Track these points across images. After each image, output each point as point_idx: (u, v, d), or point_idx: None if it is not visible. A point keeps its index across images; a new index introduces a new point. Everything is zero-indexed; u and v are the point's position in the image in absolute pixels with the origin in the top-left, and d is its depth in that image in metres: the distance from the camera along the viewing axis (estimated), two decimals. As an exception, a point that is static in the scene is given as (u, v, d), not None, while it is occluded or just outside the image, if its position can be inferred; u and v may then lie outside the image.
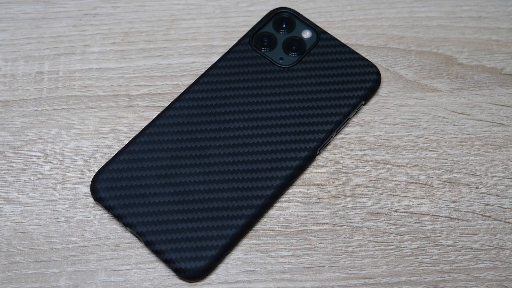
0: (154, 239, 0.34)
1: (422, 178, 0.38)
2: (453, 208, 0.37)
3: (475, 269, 0.35)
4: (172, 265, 0.34)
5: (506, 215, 0.37)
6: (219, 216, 0.35)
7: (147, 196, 0.35)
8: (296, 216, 0.36)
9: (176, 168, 0.36)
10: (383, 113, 0.40)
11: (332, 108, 0.38)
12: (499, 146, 0.39)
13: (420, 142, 0.39)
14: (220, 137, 0.37)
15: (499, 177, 0.38)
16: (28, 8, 0.43)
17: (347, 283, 0.34)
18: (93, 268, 0.34)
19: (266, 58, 0.40)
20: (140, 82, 0.41)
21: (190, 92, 0.39)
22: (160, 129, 0.37)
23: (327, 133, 0.37)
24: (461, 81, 0.41)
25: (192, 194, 0.35)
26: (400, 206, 0.37)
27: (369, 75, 0.39)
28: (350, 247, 0.35)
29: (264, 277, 0.35)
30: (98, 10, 0.43)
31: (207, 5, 0.44)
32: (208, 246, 0.34)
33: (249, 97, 0.38)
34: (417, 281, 0.34)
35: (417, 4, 0.44)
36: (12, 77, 0.41)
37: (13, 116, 0.39)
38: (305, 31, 0.41)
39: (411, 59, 0.42)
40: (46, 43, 0.42)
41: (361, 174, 0.38)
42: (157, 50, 0.42)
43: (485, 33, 0.43)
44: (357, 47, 0.42)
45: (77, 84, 0.40)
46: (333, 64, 0.40)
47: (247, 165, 0.36)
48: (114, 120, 0.39)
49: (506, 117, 0.40)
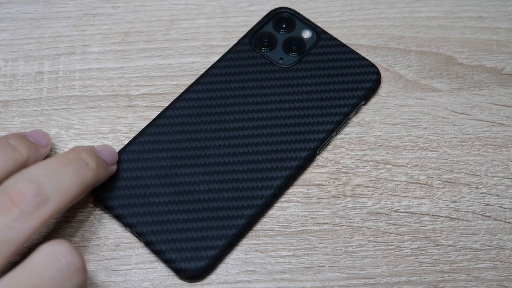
0: (154, 239, 0.34)
1: (422, 178, 0.38)
2: (453, 208, 0.37)
3: (475, 269, 0.35)
4: (172, 265, 0.34)
5: (506, 215, 0.37)
6: (219, 216, 0.35)
7: (147, 196, 0.35)
8: (296, 216, 0.36)
9: (176, 168, 0.36)
10: (383, 113, 0.40)
11: (332, 108, 0.38)
12: (499, 146, 0.39)
13: (420, 142, 0.39)
14: (220, 137, 0.37)
15: (499, 177, 0.38)
16: (28, 8, 0.43)
17: (347, 283, 0.34)
18: (93, 268, 0.34)
19: (266, 58, 0.40)
20: (140, 82, 0.41)
21: (190, 92, 0.39)
22: (160, 129, 0.37)
23: (327, 133, 0.37)
24: (461, 81, 0.41)
25: (192, 194, 0.35)
26: (400, 206, 0.37)
27: (369, 75, 0.39)
28: (350, 247, 0.35)
29: (264, 277, 0.35)
30: (98, 10, 0.43)
31: (207, 5, 0.44)
32: (208, 246, 0.34)
33: (249, 97, 0.38)
34: (417, 281, 0.34)
35: (417, 4, 0.44)
36: (12, 77, 0.41)
37: (13, 116, 0.39)
38: (305, 31, 0.41)
39: (411, 59, 0.42)
40: (46, 43, 0.42)
41: (361, 174, 0.38)
42: (157, 50, 0.42)
43: (485, 33, 0.43)
44: (357, 47, 0.42)
45: (77, 84, 0.40)
46: (333, 64, 0.40)
47: (247, 165, 0.36)
48: (114, 120, 0.39)
49: (506, 117, 0.40)
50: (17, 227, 0.27)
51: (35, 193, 0.28)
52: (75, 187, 0.30)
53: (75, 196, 0.30)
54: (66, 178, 0.29)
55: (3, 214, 0.27)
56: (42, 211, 0.28)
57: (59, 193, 0.29)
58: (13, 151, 0.32)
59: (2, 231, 0.27)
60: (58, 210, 0.29)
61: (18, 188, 0.28)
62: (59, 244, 0.28)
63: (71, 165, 0.30)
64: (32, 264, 0.27)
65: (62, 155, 0.31)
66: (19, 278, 0.26)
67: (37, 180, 0.28)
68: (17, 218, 0.27)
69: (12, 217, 0.27)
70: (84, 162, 0.31)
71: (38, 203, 0.28)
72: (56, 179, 0.29)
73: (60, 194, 0.29)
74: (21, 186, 0.28)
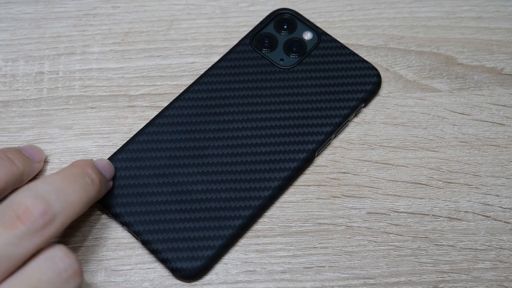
0: (151, 238, 0.34)
1: (422, 178, 0.38)
2: (453, 208, 0.37)
3: (475, 269, 0.35)
4: (168, 264, 0.34)
5: (506, 215, 0.37)
6: (216, 216, 0.35)
7: (145, 195, 0.35)
8: (296, 216, 0.36)
9: (174, 167, 0.36)
10: (383, 113, 0.40)
11: (332, 110, 0.38)
12: (499, 146, 0.39)
13: (420, 142, 0.39)
14: (219, 138, 0.37)
15: (499, 177, 0.38)
16: (28, 8, 0.43)
17: (347, 283, 0.34)
18: (93, 268, 0.34)
19: (266, 59, 0.40)
20: (140, 82, 0.41)
21: (190, 92, 0.39)
22: (159, 128, 0.37)
23: (326, 135, 0.37)
24: (461, 81, 0.41)
25: (190, 194, 0.35)
26: (400, 206, 0.37)
27: (369, 78, 0.39)
28: (350, 247, 0.35)
29: (264, 277, 0.35)
30: (98, 10, 0.43)
31: (207, 5, 0.44)
32: (205, 246, 0.34)
33: (248, 97, 0.38)
34: (417, 281, 0.34)
35: (417, 4, 0.44)
36: (12, 77, 0.41)
37: (13, 116, 0.39)
38: (306, 33, 0.41)
39: (411, 59, 0.42)
40: (46, 43, 0.42)
41: (361, 174, 0.38)
42: (157, 50, 0.42)
43: (485, 33, 0.43)
44: (357, 47, 0.42)
45: (77, 84, 0.40)
46: (333, 66, 0.40)
47: (246, 166, 0.36)
48: (114, 120, 0.39)
49: (506, 117, 0.40)
50: (20, 244, 0.27)
51: (43, 212, 0.27)
52: (80, 205, 0.29)
53: (79, 213, 0.29)
54: (72, 195, 0.29)
55: (8, 230, 0.27)
56: (47, 230, 0.27)
57: (65, 210, 0.28)
58: (10, 164, 0.32)
59: (5, 246, 0.26)
60: (62, 228, 0.28)
61: (25, 204, 0.27)
62: (56, 249, 0.28)
63: (77, 182, 0.30)
64: (30, 269, 0.27)
65: (67, 171, 0.30)
66: (18, 283, 0.26)
67: (44, 197, 0.28)
68: (22, 236, 0.27)
69: (16, 233, 0.27)
70: (89, 178, 0.31)
71: (46, 222, 0.27)
72: (63, 196, 0.28)
73: (66, 211, 0.28)
74: (28, 202, 0.27)
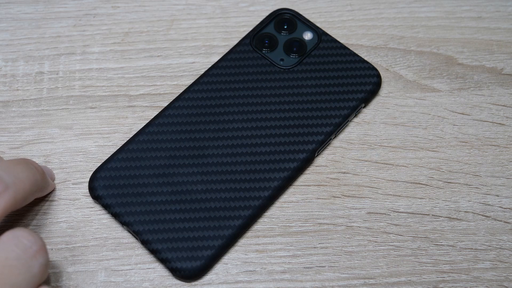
0: (150, 238, 0.34)
1: (422, 178, 0.38)
2: (453, 208, 0.37)
3: (475, 269, 0.35)
4: (167, 264, 0.34)
5: (506, 215, 0.37)
6: (216, 216, 0.35)
7: (145, 195, 0.35)
8: (296, 216, 0.36)
9: (174, 167, 0.36)
10: (383, 113, 0.40)
11: (332, 110, 0.38)
12: (499, 146, 0.39)
13: (420, 142, 0.39)
14: (219, 138, 0.37)
15: (499, 177, 0.38)
16: (28, 8, 0.43)
17: (347, 283, 0.34)
18: (93, 268, 0.34)
19: (266, 59, 0.40)
20: (140, 82, 0.41)
21: (189, 92, 0.39)
22: (159, 128, 0.37)
23: (326, 135, 0.37)
24: (461, 81, 0.41)
25: (190, 194, 0.35)
26: (400, 206, 0.37)
27: (369, 78, 0.39)
28: (350, 247, 0.35)
29: (264, 277, 0.35)
30: (98, 10, 0.43)
31: (207, 5, 0.44)
32: (205, 246, 0.34)
33: (248, 97, 0.38)
34: (417, 281, 0.34)
35: (417, 4, 0.44)
36: (12, 77, 0.41)
37: (13, 116, 0.39)
38: (306, 33, 0.41)
39: (411, 59, 0.42)
40: (46, 43, 0.42)
41: (361, 174, 0.38)
42: (157, 50, 0.42)
43: (485, 33, 0.43)
44: (357, 47, 0.42)
45: (77, 84, 0.40)
46: (333, 66, 0.40)
47: (245, 166, 0.36)
48: (114, 120, 0.39)
49: (506, 117, 0.40)
50: None
51: None
52: (28, 182, 0.31)
53: (29, 192, 0.31)
54: (20, 173, 0.31)
55: None
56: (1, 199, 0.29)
57: (16, 185, 0.30)
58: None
59: None
60: (15, 201, 0.30)
61: None
62: (18, 229, 0.29)
63: (22, 165, 0.32)
64: None
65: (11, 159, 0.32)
66: None
67: None
68: None
69: None
70: (33, 165, 0.33)
71: None
72: (12, 173, 0.30)
73: (16, 185, 0.30)
74: None
